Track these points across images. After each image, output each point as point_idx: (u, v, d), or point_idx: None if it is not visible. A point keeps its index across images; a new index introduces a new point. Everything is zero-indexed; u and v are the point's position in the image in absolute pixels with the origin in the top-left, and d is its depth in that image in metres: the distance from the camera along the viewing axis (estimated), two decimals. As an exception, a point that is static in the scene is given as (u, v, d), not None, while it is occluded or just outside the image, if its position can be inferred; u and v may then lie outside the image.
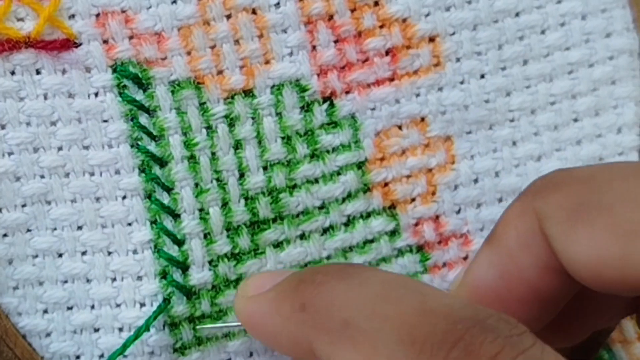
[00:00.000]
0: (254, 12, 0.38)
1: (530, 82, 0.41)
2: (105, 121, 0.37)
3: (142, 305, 0.37)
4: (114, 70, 0.37)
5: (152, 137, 0.37)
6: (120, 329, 0.38)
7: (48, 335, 0.37)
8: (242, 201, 0.38)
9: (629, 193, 0.30)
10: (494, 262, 0.33)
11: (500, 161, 0.41)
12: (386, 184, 0.40)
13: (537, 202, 0.32)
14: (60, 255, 0.37)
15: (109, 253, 0.37)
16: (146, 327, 0.37)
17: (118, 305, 0.37)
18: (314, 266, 0.38)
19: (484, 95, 0.40)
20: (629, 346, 0.45)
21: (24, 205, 0.36)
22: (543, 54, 0.41)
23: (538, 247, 0.31)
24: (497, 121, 0.41)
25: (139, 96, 0.37)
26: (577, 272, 0.30)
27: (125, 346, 0.37)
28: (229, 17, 0.38)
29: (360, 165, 0.39)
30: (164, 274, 0.38)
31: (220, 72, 0.38)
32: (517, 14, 0.41)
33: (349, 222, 0.39)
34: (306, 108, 0.39)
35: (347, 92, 0.39)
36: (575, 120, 0.42)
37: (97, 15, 0.37)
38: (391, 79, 0.40)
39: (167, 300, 0.37)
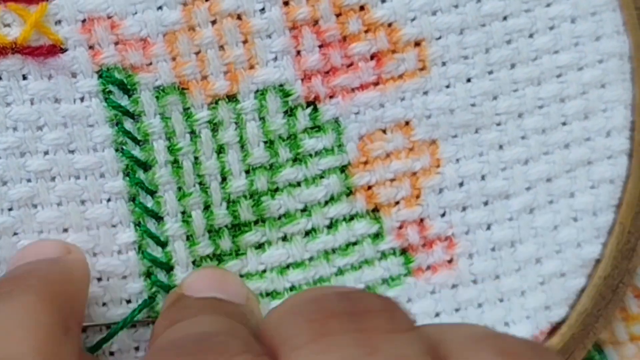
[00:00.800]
0: (239, 17, 0.39)
1: (517, 85, 0.41)
2: (90, 126, 0.38)
3: (129, 302, 0.38)
4: (100, 76, 0.38)
5: (137, 142, 0.38)
6: (108, 327, 0.39)
7: (35, 334, 0.38)
8: (224, 204, 0.39)
9: None
10: None
11: (487, 165, 0.41)
12: (369, 187, 0.40)
13: None
14: (47, 258, 0.38)
15: (95, 254, 0.38)
16: (131, 318, 0.38)
17: (105, 304, 0.38)
18: None
19: (470, 99, 0.41)
20: (620, 347, 0.45)
21: (10, 209, 0.37)
22: (531, 58, 0.41)
23: None
24: (483, 125, 0.41)
25: (124, 102, 0.38)
26: None
27: (110, 335, 0.38)
28: (214, 22, 0.38)
29: (343, 168, 0.40)
30: (148, 274, 0.39)
31: (204, 78, 0.38)
32: (505, 18, 0.41)
33: (332, 224, 0.40)
34: (289, 112, 0.39)
35: (331, 97, 0.39)
36: (564, 123, 0.42)
37: (83, 21, 0.37)
38: (376, 84, 0.40)
39: (152, 298, 0.38)
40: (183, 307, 0.35)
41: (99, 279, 0.38)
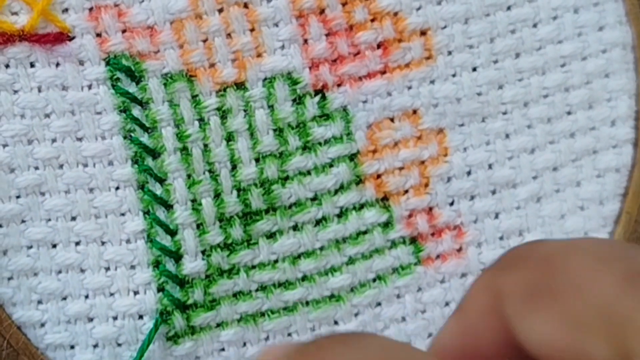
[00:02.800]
0: (245, 6, 0.38)
1: (522, 75, 0.41)
2: (98, 113, 0.37)
3: (136, 293, 0.38)
4: (107, 63, 0.37)
5: (145, 129, 0.38)
6: (115, 318, 0.38)
7: (42, 325, 0.37)
8: (235, 192, 0.38)
9: (581, 279, 0.30)
10: (456, 333, 0.33)
11: (494, 153, 0.41)
12: (379, 176, 0.40)
13: (499, 279, 0.32)
14: (54, 246, 0.37)
15: (103, 243, 0.38)
16: (148, 342, 0.38)
17: (112, 294, 0.38)
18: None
19: (476, 88, 0.41)
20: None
21: (18, 197, 0.37)
22: (535, 47, 0.41)
23: (496, 324, 0.32)
24: (489, 114, 0.41)
25: (132, 89, 0.38)
26: (532, 352, 0.30)
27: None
28: (220, 10, 0.38)
29: (352, 157, 0.40)
30: (157, 264, 0.38)
31: (212, 65, 0.38)
32: (508, 8, 0.41)
33: (342, 213, 0.40)
34: (298, 101, 0.39)
35: (339, 85, 0.39)
36: (569, 113, 0.42)
37: (90, 9, 0.37)
38: (383, 72, 0.40)
39: (162, 314, 0.38)
40: None
41: (107, 269, 0.38)
